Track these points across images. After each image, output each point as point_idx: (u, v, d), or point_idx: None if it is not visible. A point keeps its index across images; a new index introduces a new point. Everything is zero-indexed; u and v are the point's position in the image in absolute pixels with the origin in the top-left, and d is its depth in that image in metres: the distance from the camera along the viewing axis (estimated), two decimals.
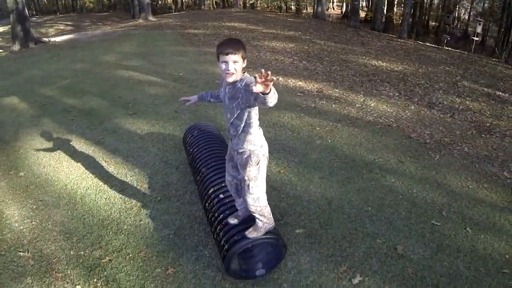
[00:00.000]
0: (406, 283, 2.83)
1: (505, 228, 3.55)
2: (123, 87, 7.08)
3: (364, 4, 36.09)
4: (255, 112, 2.29)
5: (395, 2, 24.51)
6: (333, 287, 2.74)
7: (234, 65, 2.13)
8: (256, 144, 2.36)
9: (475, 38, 14.25)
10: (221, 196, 2.95)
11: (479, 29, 14.63)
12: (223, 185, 3.00)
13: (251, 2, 30.19)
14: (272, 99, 1.92)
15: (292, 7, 31.49)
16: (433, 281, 2.87)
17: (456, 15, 32.87)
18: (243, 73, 2.25)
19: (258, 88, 1.82)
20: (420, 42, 14.93)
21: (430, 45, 14.36)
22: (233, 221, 2.71)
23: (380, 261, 3.00)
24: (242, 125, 2.29)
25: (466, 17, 31.39)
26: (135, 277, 2.81)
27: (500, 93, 8.14)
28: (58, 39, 15.60)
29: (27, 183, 4.13)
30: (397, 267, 2.96)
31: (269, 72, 1.78)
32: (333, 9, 37.50)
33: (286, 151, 4.57)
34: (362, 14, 29.86)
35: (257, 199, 2.47)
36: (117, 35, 14.27)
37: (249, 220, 2.66)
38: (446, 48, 13.97)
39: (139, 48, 10.99)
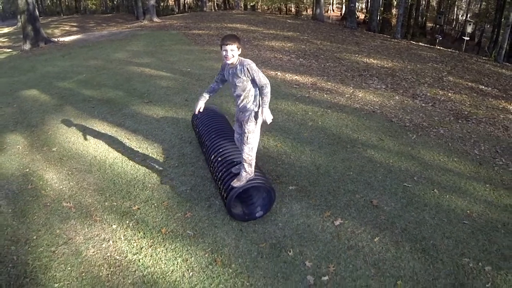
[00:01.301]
0: (379, 226, 3.52)
1: (469, 191, 4.24)
2: (136, 81, 7.79)
3: (363, 6, 36.91)
4: (252, 85, 3.17)
5: (394, 4, 25.22)
6: (319, 227, 3.45)
7: (231, 52, 3.06)
8: (254, 105, 3.23)
9: (466, 38, 14.98)
10: (219, 159, 3.74)
11: (469, 29, 15.41)
12: (220, 150, 3.84)
13: (251, 4, 30.96)
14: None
15: (292, 9, 32.32)
16: (401, 226, 3.56)
17: (454, 16, 33.67)
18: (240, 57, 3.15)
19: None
20: (413, 42, 15.64)
21: (423, 44, 15.06)
22: (236, 170, 3.52)
23: (358, 210, 3.70)
24: (243, 93, 3.18)
25: (464, 19, 32.07)
26: (160, 219, 3.52)
27: (483, 87, 8.83)
28: (67, 39, 16.27)
29: (60, 156, 4.83)
30: (371, 215, 3.65)
31: None
32: (333, 11, 38.22)
33: (282, 130, 5.28)
34: (361, 16, 30.67)
35: (251, 149, 3.33)
36: (124, 35, 14.98)
37: None
38: (438, 47, 14.68)
39: (147, 47, 11.70)
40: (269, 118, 3.14)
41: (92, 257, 3.13)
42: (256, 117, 3.24)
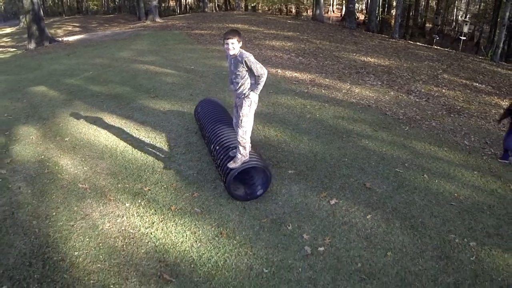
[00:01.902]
0: (371, 206, 3.82)
1: (458, 177, 4.53)
2: (142, 77, 8.08)
3: (363, 7, 37.28)
4: (248, 74, 3.57)
5: (393, 4, 25.54)
6: (316, 205, 3.74)
7: (232, 45, 3.47)
8: (249, 92, 3.62)
9: (462, 38, 15.33)
10: (217, 147, 4.05)
11: (465, 29, 15.76)
12: (218, 139, 4.15)
13: (252, 5, 31.30)
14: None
15: (292, 9, 32.69)
16: (392, 206, 3.85)
17: (454, 17, 34.00)
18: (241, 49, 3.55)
19: None
20: (411, 42, 15.96)
21: (420, 44, 15.38)
22: (233, 154, 3.82)
23: (352, 191, 3.99)
24: (241, 81, 3.58)
25: (462, 19, 32.32)
26: (170, 198, 3.82)
27: (477, 84, 9.14)
28: (71, 38, 16.56)
29: (73, 145, 5.11)
30: (364, 196, 3.95)
31: None
32: (333, 12, 38.51)
33: (282, 121, 5.58)
34: (361, 17, 31.00)
35: (245, 132, 3.69)
36: (127, 35, 15.28)
37: None
38: (435, 47, 14.99)
39: (151, 46, 12.00)
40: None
41: (108, 230, 3.42)
42: (250, 101, 3.62)
